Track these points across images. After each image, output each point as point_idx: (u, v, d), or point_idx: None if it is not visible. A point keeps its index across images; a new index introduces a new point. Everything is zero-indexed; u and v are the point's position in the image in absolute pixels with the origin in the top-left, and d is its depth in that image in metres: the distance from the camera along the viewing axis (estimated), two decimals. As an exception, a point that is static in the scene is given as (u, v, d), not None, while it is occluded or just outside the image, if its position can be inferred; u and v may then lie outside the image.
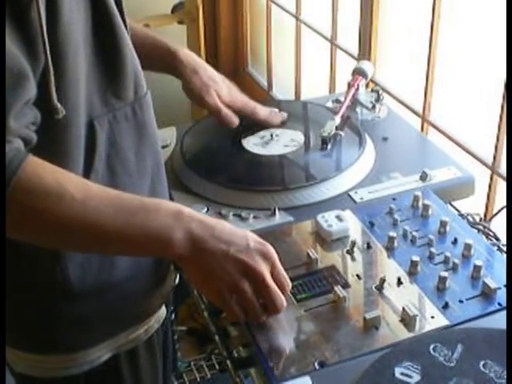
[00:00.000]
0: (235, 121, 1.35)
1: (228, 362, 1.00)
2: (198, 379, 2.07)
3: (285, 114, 1.45)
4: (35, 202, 0.81)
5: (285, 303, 0.95)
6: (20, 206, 0.81)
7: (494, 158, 1.43)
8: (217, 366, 2.07)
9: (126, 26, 0.97)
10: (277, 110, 1.46)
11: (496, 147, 1.42)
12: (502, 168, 1.43)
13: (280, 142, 1.37)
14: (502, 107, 1.36)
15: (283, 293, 0.95)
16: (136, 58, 0.99)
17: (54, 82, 0.84)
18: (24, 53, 0.80)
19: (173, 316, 1.41)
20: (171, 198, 1.21)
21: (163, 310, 1.12)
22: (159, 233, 0.88)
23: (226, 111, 1.34)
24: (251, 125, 1.40)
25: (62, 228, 0.85)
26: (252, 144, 1.37)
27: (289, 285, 0.96)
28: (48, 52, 0.82)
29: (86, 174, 0.92)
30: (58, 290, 0.97)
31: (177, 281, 1.17)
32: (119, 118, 0.96)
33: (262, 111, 1.40)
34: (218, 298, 0.94)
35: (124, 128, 0.97)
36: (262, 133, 1.40)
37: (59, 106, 0.85)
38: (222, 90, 1.34)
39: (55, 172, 0.84)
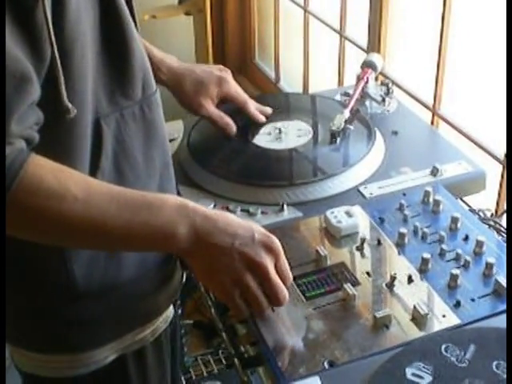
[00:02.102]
0: (233, 129, 1.34)
1: (236, 360, 0.98)
2: (205, 374, 2.06)
3: (270, 109, 1.42)
4: (37, 202, 0.81)
5: (287, 296, 0.94)
6: (22, 207, 0.80)
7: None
8: (224, 361, 2.07)
9: (135, 24, 0.95)
10: (261, 106, 1.42)
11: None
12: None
13: (290, 135, 1.35)
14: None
15: (285, 285, 0.94)
16: (145, 56, 0.97)
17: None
18: (28, 55, 0.78)
19: (179, 311, 1.40)
20: (179, 194, 1.19)
21: (171, 310, 1.11)
22: (163, 228, 0.87)
23: (222, 122, 1.33)
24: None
25: (65, 227, 0.84)
26: (263, 139, 1.36)
27: (290, 278, 0.95)
28: (56, 52, 0.80)
29: (93, 173, 0.91)
30: (64, 290, 0.96)
31: (183, 280, 1.16)
32: (127, 117, 0.94)
33: (252, 105, 1.39)
34: (222, 292, 0.93)
35: (132, 127, 0.95)
36: (265, 129, 1.38)
37: (70, 105, 0.83)
38: (212, 91, 1.32)
39: (57, 171, 0.83)
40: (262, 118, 1.40)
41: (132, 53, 0.93)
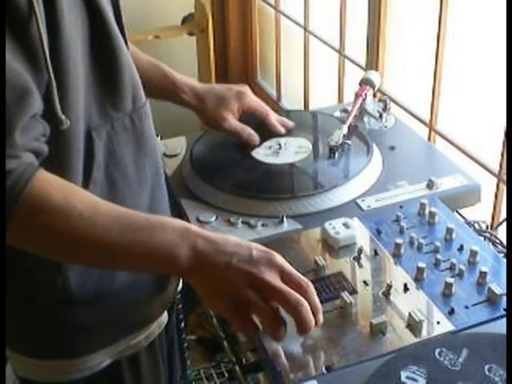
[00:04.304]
0: (256, 140, 1.39)
1: (237, 367, 1.01)
2: (208, 387, 2.08)
3: (291, 123, 1.46)
4: (43, 217, 0.83)
5: (305, 302, 0.89)
6: (28, 221, 0.82)
7: (501, 165, 1.44)
8: (226, 374, 2.08)
9: (124, 38, 0.98)
10: (285, 118, 1.47)
11: (502, 155, 1.43)
12: (509, 176, 1.44)
13: (289, 150, 1.39)
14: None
15: (303, 294, 0.90)
16: (134, 70, 0.99)
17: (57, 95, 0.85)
18: (27, 68, 0.81)
19: (182, 324, 1.42)
20: (177, 206, 1.22)
21: (165, 316, 1.12)
22: (164, 248, 0.88)
23: (246, 134, 1.37)
24: (259, 135, 1.42)
25: (69, 244, 0.86)
26: (262, 153, 1.39)
27: (305, 282, 0.91)
28: (50, 66, 0.82)
29: (85, 183, 0.93)
30: (58, 297, 0.97)
31: (179, 288, 1.17)
32: (117, 129, 0.96)
33: (274, 116, 1.43)
34: (225, 311, 0.92)
35: (122, 138, 0.97)
36: (268, 143, 1.42)
37: (64, 117, 0.86)
38: (233, 105, 1.37)
39: (63, 188, 0.85)
40: (282, 130, 1.43)
41: (121, 67, 0.95)
